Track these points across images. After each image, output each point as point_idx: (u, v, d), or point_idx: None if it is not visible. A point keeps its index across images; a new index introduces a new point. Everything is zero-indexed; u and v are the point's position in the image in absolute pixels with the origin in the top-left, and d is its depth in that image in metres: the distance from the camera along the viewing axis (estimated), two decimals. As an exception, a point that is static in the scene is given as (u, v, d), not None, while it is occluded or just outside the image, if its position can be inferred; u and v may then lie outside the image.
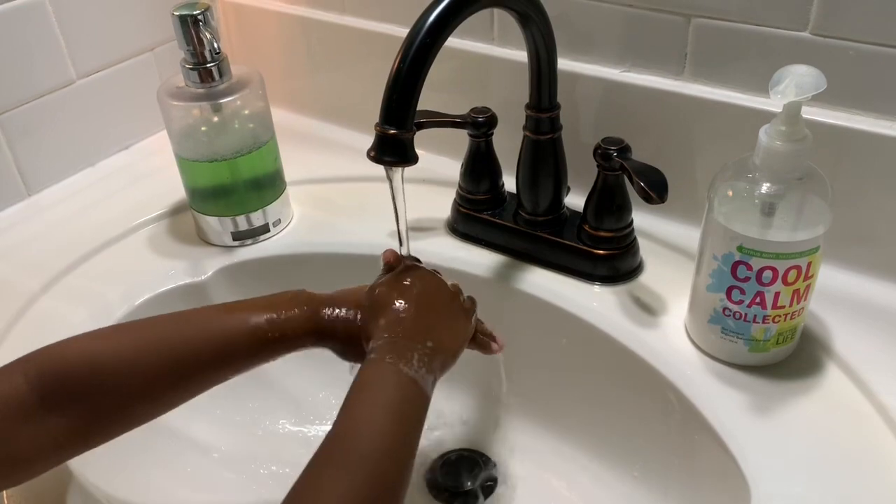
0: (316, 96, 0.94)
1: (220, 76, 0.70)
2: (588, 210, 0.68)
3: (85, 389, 0.47)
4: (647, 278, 0.69)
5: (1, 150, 0.80)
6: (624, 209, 0.67)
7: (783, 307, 0.56)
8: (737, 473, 0.53)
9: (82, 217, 0.81)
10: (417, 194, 0.68)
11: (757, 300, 0.56)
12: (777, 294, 0.55)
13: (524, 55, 0.64)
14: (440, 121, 0.72)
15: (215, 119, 0.71)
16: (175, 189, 0.78)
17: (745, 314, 0.57)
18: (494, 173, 0.74)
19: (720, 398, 0.58)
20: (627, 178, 0.62)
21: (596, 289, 0.68)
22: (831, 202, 0.54)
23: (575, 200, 0.72)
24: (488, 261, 0.72)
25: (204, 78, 0.69)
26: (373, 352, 0.49)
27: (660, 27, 0.66)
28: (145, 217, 0.80)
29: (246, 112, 0.72)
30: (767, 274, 0.54)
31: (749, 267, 0.54)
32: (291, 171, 0.79)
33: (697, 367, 0.60)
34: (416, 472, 0.73)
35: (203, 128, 0.72)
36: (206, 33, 0.68)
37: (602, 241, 0.68)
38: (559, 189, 0.70)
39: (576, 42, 0.71)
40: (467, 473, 0.72)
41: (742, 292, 0.56)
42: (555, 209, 0.71)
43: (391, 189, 0.56)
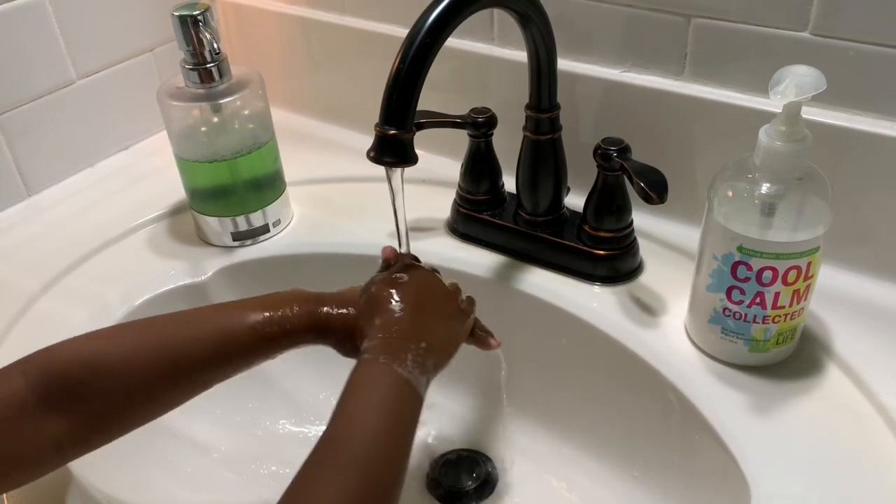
0: (316, 96, 0.94)
1: (220, 76, 0.70)
2: (588, 210, 0.68)
3: (84, 389, 0.47)
4: (647, 278, 0.69)
5: (1, 151, 0.80)
6: (624, 209, 0.67)
7: (783, 307, 0.56)
8: (737, 473, 0.53)
9: (82, 217, 0.81)
10: (417, 194, 0.68)
11: (757, 300, 0.56)
12: (777, 294, 0.55)
13: (524, 55, 0.64)
14: (440, 121, 0.72)
15: (215, 119, 0.71)
16: (175, 189, 0.78)
17: (745, 314, 0.57)
18: (494, 174, 0.74)
19: (720, 398, 0.58)
20: (627, 179, 0.62)
21: (596, 289, 0.68)
22: (831, 202, 0.54)
23: (575, 201, 0.72)
24: (488, 261, 0.72)
25: (204, 78, 0.69)
26: (366, 352, 0.49)
27: (660, 27, 0.66)
28: (145, 217, 0.80)
29: (246, 112, 0.72)
30: (767, 274, 0.54)
31: (749, 267, 0.54)
32: (291, 172, 0.79)
33: (697, 368, 0.60)
34: (417, 473, 0.73)
35: (203, 128, 0.72)
36: (206, 34, 0.68)
37: (602, 242, 0.68)
38: (559, 189, 0.70)
39: (576, 42, 0.71)
40: (467, 473, 0.72)
41: (742, 292, 0.56)
42: (555, 209, 0.71)
43: (391, 189, 0.56)
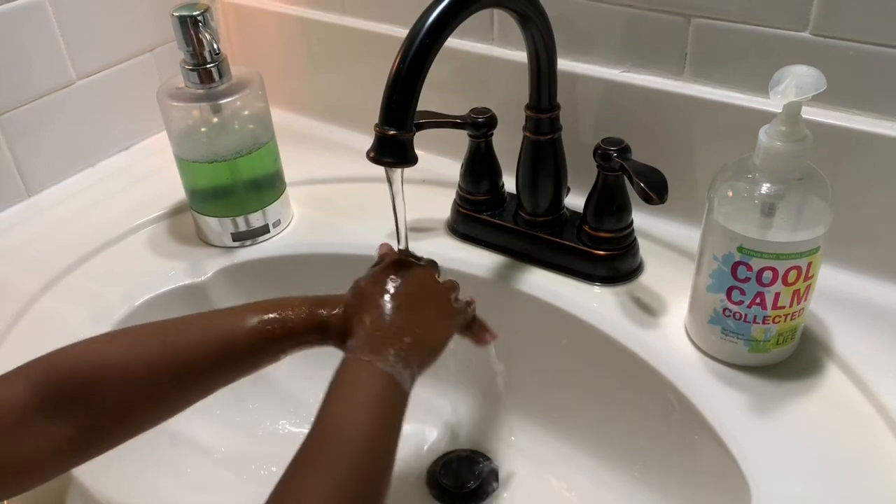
0: (316, 97, 0.94)
1: (220, 77, 0.70)
2: (588, 210, 0.68)
3: (87, 393, 0.47)
4: (647, 279, 0.69)
5: (1, 151, 0.80)
6: (624, 210, 0.67)
7: (783, 308, 0.56)
8: (737, 474, 0.53)
9: (82, 218, 0.81)
10: (417, 195, 0.68)
11: (757, 301, 0.56)
12: (777, 294, 0.55)
13: (524, 55, 0.64)
14: (440, 121, 0.72)
15: (215, 120, 0.71)
16: (175, 190, 0.78)
17: (746, 315, 0.57)
18: (494, 174, 0.74)
19: (720, 399, 0.58)
20: (627, 179, 0.62)
21: (596, 289, 0.68)
22: (831, 202, 0.54)
23: (575, 201, 0.72)
24: (488, 261, 0.72)
25: (204, 79, 0.69)
26: (350, 349, 0.49)
27: (660, 27, 0.66)
28: (145, 218, 0.80)
29: (246, 113, 0.72)
30: (767, 274, 0.54)
31: (749, 267, 0.54)
32: (291, 172, 0.79)
33: (697, 368, 0.60)
34: (417, 473, 0.73)
35: (203, 128, 0.72)
36: (206, 34, 0.68)
37: (602, 242, 0.68)
38: (559, 190, 0.70)
39: (576, 42, 0.71)
40: (467, 474, 0.72)
41: (742, 293, 0.56)
42: (555, 210, 0.71)
43: (391, 190, 0.56)
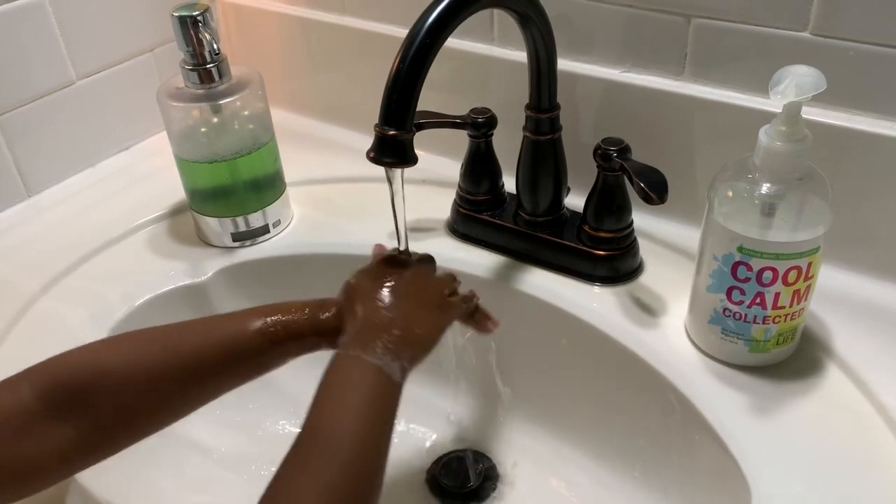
0: (316, 97, 0.94)
1: (220, 77, 0.70)
2: (588, 211, 0.68)
3: (91, 397, 0.47)
4: (648, 279, 0.69)
5: (1, 151, 0.80)
6: (624, 210, 0.67)
7: (783, 308, 0.56)
8: (737, 474, 0.53)
9: (82, 218, 0.81)
10: (417, 195, 0.68)
11: (757, 301, 0.56)
12: (777, 294, 0.55)
13: (524, 55, 0.64)
14: (440, 121, 0.72)
15: (215, 120, 0.71)
16: (175, 190, 0.78)
17: (746, 315, 0.57)
18: (494, 174, 0.74)
19: (720, 399, 0.58)
20: (627, 179, 0.62)
21: (596, 289, 0.68)
22: (831, 202, 0.54)
23: (575, 201, 0.72)
24: (488, 261, 0.72)
25: (204, 79, 0.69)
26: (340, 345, 0.49)
27: (660, 27, 0.66)
28: (145, 218, 0.80)
29: (246, 113, 0.72)
30: (767, 274, 0.54)
31: (749, 267, 0.54)
32: (291, 172, 0.79)
33: (697, 368, 0.60)
34: (417, 473, 0.73)
35: (203, 129, 0.72)
36: (206, 34, 0.68)
37: (602, 242, 0.68)
38: (559, 190, 0.70)
39: (576, 42, 0.71)
40: (467, 474, 0.72)
41: (742, 293, 0.56)
42: (555, 210, 0.71)
43: (391, 190, 0.56)
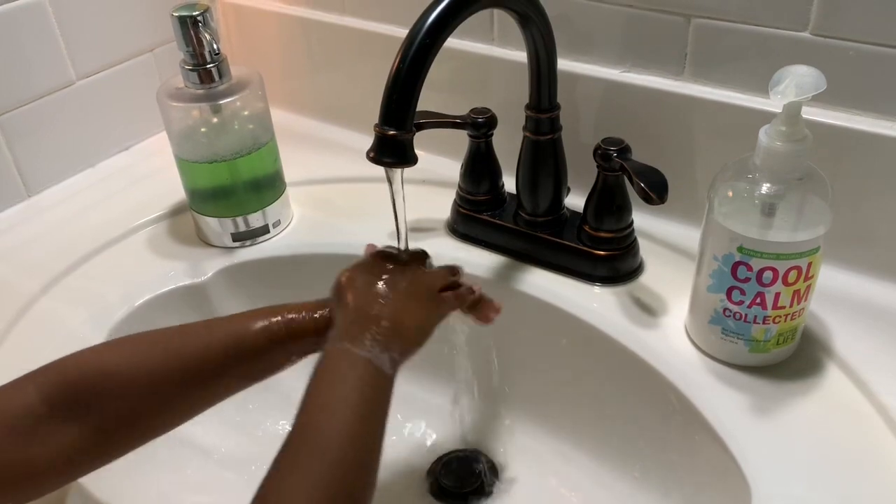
0: (316, 97, 0.94)
1: (220, 77, 0.70)
2: (588, 211, 0.68)
3: (96, 399, 0.47)
4: (648, 279, 0.69)
5: (1, 151, 0.80)
6: (624, 210, 0.67)
7: (783, 308, 0.56)
8: (737, 474, 0.53)
9: (82, 218, 0.81)
10: (417, 195, 0.68)
11: (757, 301, 0.56)
12: (777, 294, 0.55)
13: (524, 55, 0.64)
14: (440, 121, 0.72)
15: (215, 120, 0.71)
16: (175, 190, 0.78)
17: (746, 315, 0.57)
18: (494, 174, 0.74)
19: (720, 399, 0.58)
20: (627, 179, 0.62)
21: (596, 289, 0.68)
22: (831, 202, 0.54)
23: (575, 201, 0.72)
24: (488, 261, 0.72)
25: (203, 79, 0.69)
26: (329, 339, 0.49)
27: (660, 27, 0.66)
28: (145, 218, 0.80)
29: (245, 113, 0.72)
30: (768, 274, 0.54)
31: (749, 267, 0.54)
32: (291, 172, 0.79)
33: (698, 368, 0.60)
34: (417, 473, 0.73)
35: (203, 129, 0.72)
36: (206, 34, 0.68)
37: (602, 242, 0.68)
38: (559, 190, 0.70)
39: (576, 42, 0.71)
40: (467, 474, 0.72)
41: (742, 293, 0.56)
42: (555, 210, 0.71)
43: (391, 190, 0.56)
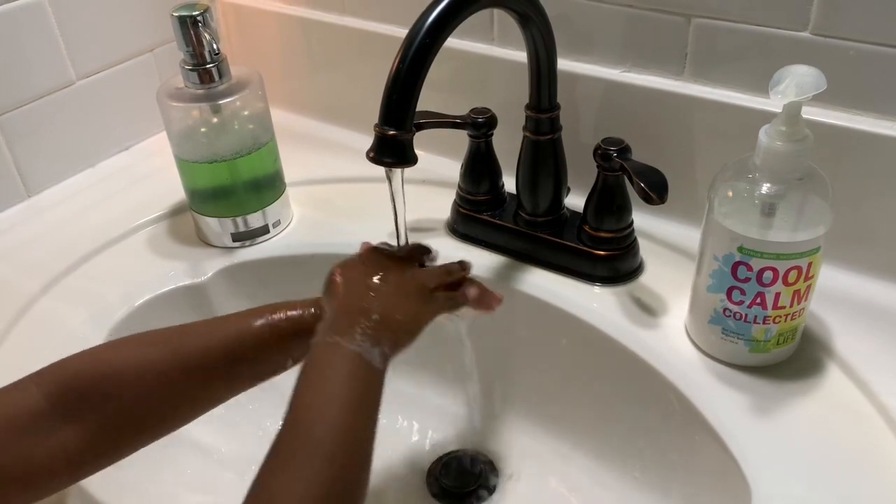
0: (316, 97, 0.94)
1: (220, 77, 0.70)
2: (588, 211, 0.68)
3: (96, 398, 0.47)
4: (648, 279, 0.69)
5: (1, 151, 0.80)
6: (624, 210, 0.67)
7: (784, 308, 0.56)
8: (737, 474, 0.53)
9: (82, 218, 0.81)
10: (417, 195, 0.68)
11: (757, 301, 0.56)
12: (777, 294, 0.55)
13: (524, 55, 0.64)
14: (440, 121, 0.72)
15: (215, 120, 0.71)
16: (175, 190, 0.78)
17: (746, 315, 0.57)
18: (494, 174, 0.74)
19: (721, 399, 0.58)
20: (627, 179, 0.62)
21: (596, 289, 0.68)
22: (832, 202, 0.53)
23: (575, 201, 0.72)
24: (488, 261, 0.72)
25: (203, 79, 0.69)
26: (317, 333, 0.48)
27: (660, 27, 0.66)
28: (145, 218, 0.80)
29: (245, 113, 0.72)
30: (768, 274, 0.54)
31: (749, 267, 0.54)
32: (291, 172, 0.79)
33: (698, 368, 0.60)
34: (417, 473, 0.73)
35: (202, 129, 0.72)
36: (206, 34, 0.68)
37: (602, 242, 0.68)
38: (559, 190, 0.70)
39: (576, 42, 0.71)
40: (467, 474, 0.72)
41: (742, 293, 0.56)
42: (555, 210, 0.71)
43: (391, 190, 0.56)
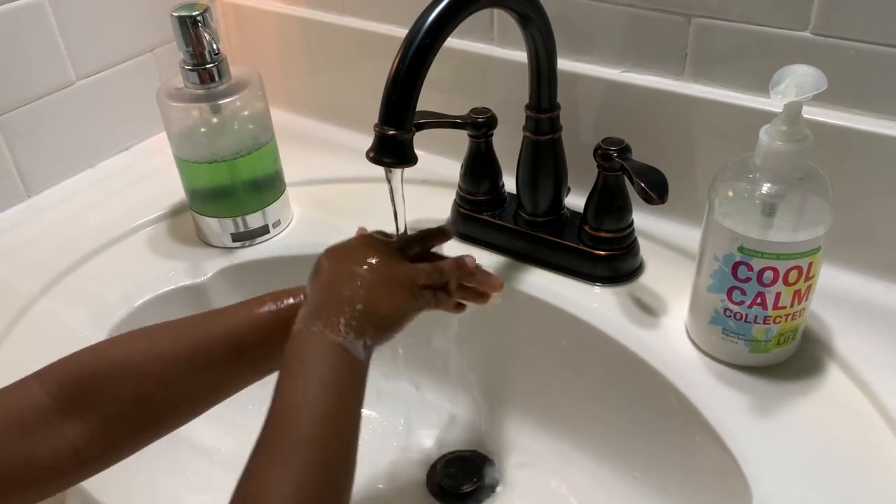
0: (316, 97, 0.94)
1: (220, 77, 0.70)
2: (588, 211, 0.68)
3: (98, 392, 0.47)
4: (648, 279, 0.69)
5: (1, 151, 0.80)
6: (624, 210, 0.67)
7: (784, 308, 0.56)
8: (737, 474, 0.53)
9: (82, 218, 0.81)
10: (417, 195, 0.68)
11: (758, 301, 0.56)
12: (778, 294, 0.55)
13: (524, 55, 0.63)
14: (440, 121, 0.71)
15: (214, 120, 0.71)
16: (175, 190, 0.78)
17: (746, 315, 0.57)
18: (494, 174, 0.74)
19: (721, 399, 0.57)
20: (628, 179, 0.62)
21: (596, 289, 0.68)
22: (832, 202, 0.53)
23: (575, 201, 0.72)
24: (488, 262, 0.72)
25: (203, 79, 0.69)
26: (301, 317, 0.47)
27: (660, 27, 0.66)
28: (145, 218, 0.80)
29: (245, 113, 0.72)
30: (768, 274, 0.54)
31: (750, 267, 0.54)
32: (291, 172, 0.79)
33: (698, 368, 0.60)
34: (417, 473, 0.73)
35: (202, 129, 0.72)
36: (206, 34, 0.68)
37: (602, 242, 0.68)
38: (559, 190, 0.70)
39: (576, 42, 0.71)
40: (467, 474, 0.72)
41: (743, 293, 0.56)
42: (555, 210, 0.71)
43: (390, 190, 0.56)
